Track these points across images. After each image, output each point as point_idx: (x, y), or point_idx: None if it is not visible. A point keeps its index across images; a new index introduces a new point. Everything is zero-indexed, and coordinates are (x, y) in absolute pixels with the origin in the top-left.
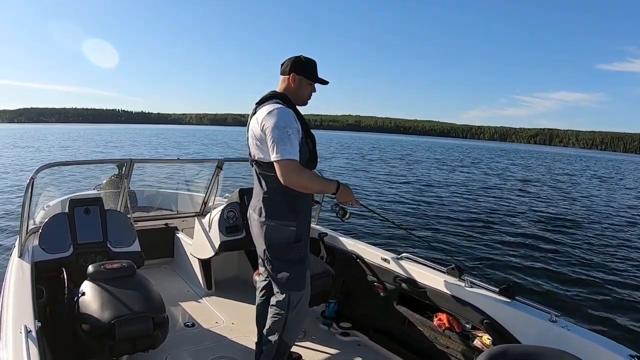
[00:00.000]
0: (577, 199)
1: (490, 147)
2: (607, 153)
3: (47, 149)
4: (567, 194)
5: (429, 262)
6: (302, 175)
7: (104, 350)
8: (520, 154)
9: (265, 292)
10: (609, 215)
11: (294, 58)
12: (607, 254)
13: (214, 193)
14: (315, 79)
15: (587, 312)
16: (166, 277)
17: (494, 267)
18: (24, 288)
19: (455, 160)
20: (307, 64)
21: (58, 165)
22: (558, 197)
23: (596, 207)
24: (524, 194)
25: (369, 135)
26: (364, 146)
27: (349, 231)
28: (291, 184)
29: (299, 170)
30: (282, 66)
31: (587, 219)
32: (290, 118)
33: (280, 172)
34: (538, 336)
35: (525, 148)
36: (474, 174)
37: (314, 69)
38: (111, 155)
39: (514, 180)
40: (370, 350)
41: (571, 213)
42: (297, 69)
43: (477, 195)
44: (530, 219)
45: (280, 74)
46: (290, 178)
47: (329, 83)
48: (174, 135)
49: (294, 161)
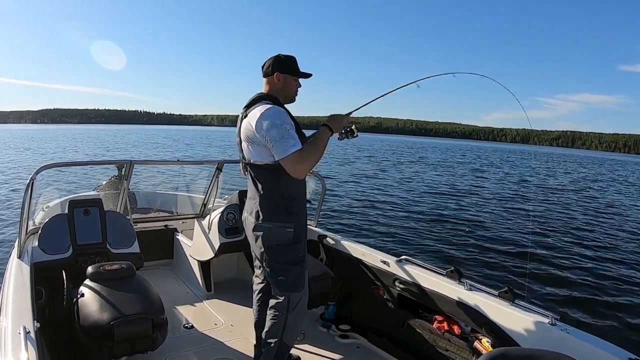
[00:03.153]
0: (578, 202)
1: (511, 150)
2: (631, 156)
3: (65, 149)
4: (568, 196)
5: (429, 265)
6: (307, 157)
7: (103, 351)
8: (542, 157)
9: (262, 294)
10: (609, 216)
11: (274, 58)
12: (607, 256)
13: (214, 195)
14: (298, 74)
15: (586, 315)
16: (165, 278)
17: (494, 270)
18: (23, 289)
19: (464, 163)
20: (288, 60)
21: (58, 166)
22: (557, 201)
23: (596, 209)
24: (523, 196)
25: (389, 137)
26: (380, 149)
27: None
28: (305, 171)
29: (300, 157)
30: (264, 68)
31: (586, 221)
32: (284, 115)
33: (289, 168)
34: (537, 339)
35: (547, 151)
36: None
37: (296, 64)
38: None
39: (512, 184)
40: (369, 352)
41: (571, 216)
42: (279, 67)
43: (477, 198)
44: (528, 222)
45: (263, 77)
46: (298, 169)
47: (312, 75)
48: (194, 136)
49: (300, 151)
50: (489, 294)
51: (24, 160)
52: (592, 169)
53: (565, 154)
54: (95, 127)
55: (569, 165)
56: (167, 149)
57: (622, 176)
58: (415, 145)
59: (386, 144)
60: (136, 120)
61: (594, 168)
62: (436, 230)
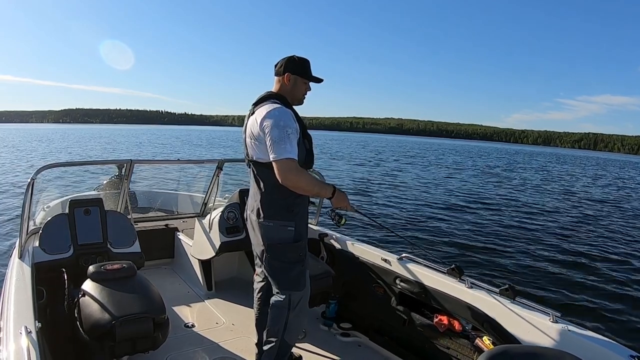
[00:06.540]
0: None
1: (532, 152)
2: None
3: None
4: (570, 196)
5: (430, 262)
6: (301, 176)
7: (104, 351)
8: (563, 159)
9: (262, 293)
10: (612, 215)
11: (287, 58)
12: (608, 254)
13: (214, 194)
14: (310, 78)
15: (587, 313)
16: (166, 277)
17: (494, 268)
18: (24, 289)
19: (472, 166)
20: (301, 63)
21: (58, 166)
22: (560, 200)
23: (597, 209)
24: (523, 197)
25: (408, 138)
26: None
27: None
28: (289, 184)
29: (297, 171)
30: (276, 67)
31: (587, 221)
32: (289, 118)
33: (279, 171)
34: (538, 337)
35: (569, 153)
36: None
37: (308, 68)
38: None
39: (515, 183)
40: (370, 350)
41: (572, 214)
42: (291, 68)
43: (477, 198)
44: (529, 221)
45: (275, 75)
46: (288, 177)
47: (323, 81)
48: (213, 136)
49: (293, 160)
50: (490, 292)
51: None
52: (609, 171)
53: (587, 156)
54: (115, 127)
55: (586, 168)
56: (185, 148)
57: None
58: (433, 147)
59: (405, 146)
60: (157, 120)
61: (609, 170)
62: (437, 229)
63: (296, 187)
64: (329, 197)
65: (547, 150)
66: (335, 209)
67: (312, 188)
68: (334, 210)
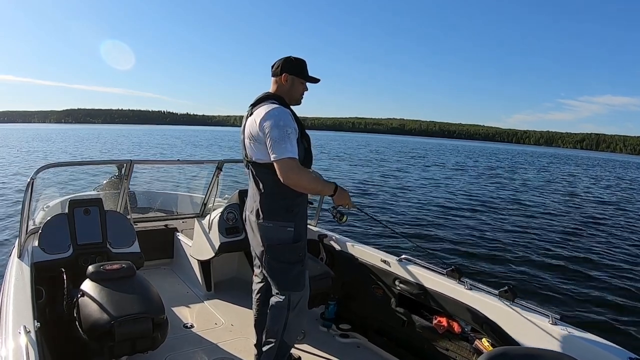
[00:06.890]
0: (582, 202)
1: (534, 152)
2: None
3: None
4: (571, 197)
5: (429, 264)
6: (302, 175)
7: (104, 351)
8: (565, 159)
9: (261, 294)
10: (612, 218)
11: (284, 59)
12: (609, 256)
13: (214, 194)
14: (307, 78)
15: (587, 315)
16: (166, 278)
17: (494, 270)
18: (24, 289)
19: (474, 166)
20: (298, 63)
21: (58, 166)
22: (561, 201)
23: (598, 210)
24: (524, 198)
25: (410, 139)
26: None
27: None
28: (290, 183)
29: (299, 169)
30: (273, 68)
31: (587, 222)
32: (288, 118)
33: (280, 170)
34: (538, 338)
35: (571, 153)
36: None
37: (305, 68)
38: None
39: (517, 184)
40: (369, 351)
41: (573, 216)
42: (288, 69)
43: (477, 199)
44: (529, 222)
45: (272, 76)
46: (290, 176)
47: (320, 81)
48: (216, 136)
49: (294, 159)
50: (489, 293)
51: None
52: (611, 171)
53: (589, 156)
54: (118, 127)
55: (588, 169)
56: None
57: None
58: (434, 147)
59: (407, 146)
60: (160, 120)
61: (614, 171)
62: (437, 229)
63: (298, 186)
64: (331, 195)
65: (549, 151)
66: (336, 207)
67: (314, 186)
68: (335, 208)
